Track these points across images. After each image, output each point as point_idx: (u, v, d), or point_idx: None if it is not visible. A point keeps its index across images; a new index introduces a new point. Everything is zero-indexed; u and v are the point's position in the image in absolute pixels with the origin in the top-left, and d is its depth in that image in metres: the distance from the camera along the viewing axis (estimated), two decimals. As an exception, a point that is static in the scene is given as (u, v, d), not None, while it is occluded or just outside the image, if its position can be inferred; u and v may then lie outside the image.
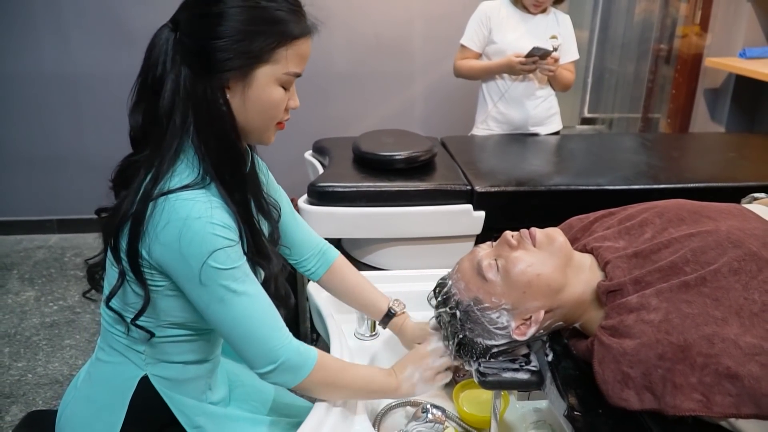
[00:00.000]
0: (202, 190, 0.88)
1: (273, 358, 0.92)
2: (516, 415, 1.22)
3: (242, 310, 0.90)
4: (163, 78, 0.89)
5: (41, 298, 2.80)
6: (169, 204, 0.86)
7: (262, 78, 0.89)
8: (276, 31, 0.88)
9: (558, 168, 2.16)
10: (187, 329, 0.99)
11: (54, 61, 3.15)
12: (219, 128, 0.89)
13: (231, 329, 0.91)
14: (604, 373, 0.87)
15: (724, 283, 0.86)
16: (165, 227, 0.85)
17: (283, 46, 0.89)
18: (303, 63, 0.93)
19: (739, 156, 2.20)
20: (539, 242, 0.98)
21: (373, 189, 1.81)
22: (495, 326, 0.99)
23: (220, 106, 0.89)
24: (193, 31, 0.88)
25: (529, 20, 2.39)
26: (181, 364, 1.01)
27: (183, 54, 0.88)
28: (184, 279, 0.88)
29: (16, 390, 2.18)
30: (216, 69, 0.87)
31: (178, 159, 0.89)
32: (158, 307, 0.94)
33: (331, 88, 3.34)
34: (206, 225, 0.85)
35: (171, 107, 0.88)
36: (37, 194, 3.41)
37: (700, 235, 0.94)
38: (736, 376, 0.78)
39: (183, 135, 0.89)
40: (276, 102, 0.92)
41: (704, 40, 3.39)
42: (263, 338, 0.91)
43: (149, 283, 0.92)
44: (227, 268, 0.87)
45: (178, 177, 0.88)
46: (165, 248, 0.86)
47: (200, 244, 0.85)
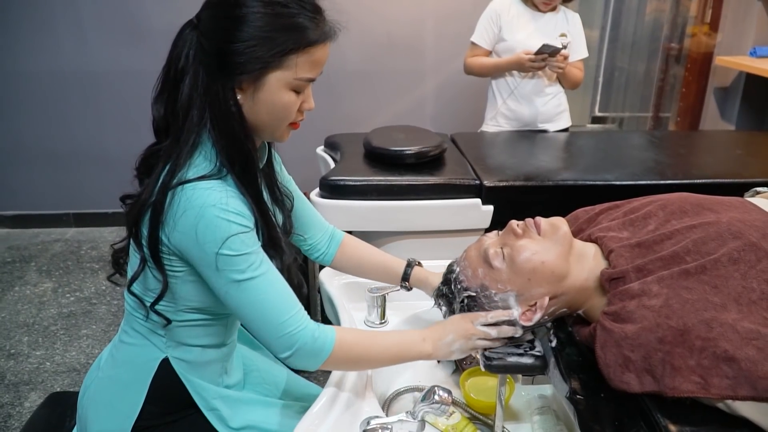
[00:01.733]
0: (218, 181, 0.91)
1: (290, 343, 0.93)
2: (521, 401, 1.25)
3: (257, 295, 0.92)
4: (184, 72, 0.92)
5: (58, 289, 2.86)
6: (186, 193, 0.89)
7: (273, 82, 0.92)
8: (289, 38, 0.89)
9: (566, 164, 2.18)
10: (206, 314, 1.02)
11: (72, 58, 3.21)
12: (229, 126, 0.92)
13: (247, 313, 0.93)
14: (605, 357, 0.90)
15: (723, 271, 0.88)
16: (183, 215, 0.88)
17: (295, 52, 0.90)
18: (317, 68, 0.95)
19: (746, 153, 2.21)
20: (544, 231, 1.01)
21: (384, 183, 1.85)
22: None
23: (230, 107, 0.91)
24: (211, 32, 0.90)
25: (538, 18, 2.41)
26: (200, 348, 1.05)
27: (201, 52, 0.91)
28: (202, 264, 0.91)
29: (34, 377, 2.24)
30: (229, 71, 0.90)
31: (195, 151, 0.92)
32: (178, 292, 0.98)
33: (343, 86, 3.38)
34: (221, 212, 0.88)
35: (189, 102, 0.91)
36: (54, 189, 3.48)
37: (701, 227, 0.97)
38: (734, 359, 0.80)
39: (200, 129, 0.92)
40: (286, 105, 0.94)
41: (714, 39, 3.39)
42: (278, 323, 0.93)
43: (168, 268, 0.95)
44: (241, 253, 0.90)
45: (195, 168, 0.91)
46: (183, 235, 0.89)
47: (215, 231, 0.88)
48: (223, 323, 1.07)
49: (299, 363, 0.96)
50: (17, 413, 2.06)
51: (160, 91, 0.95)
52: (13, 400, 2.12)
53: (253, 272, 0.91)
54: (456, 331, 1.04)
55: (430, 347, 1.03)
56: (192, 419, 1.05)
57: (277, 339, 0.93)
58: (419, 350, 1.03)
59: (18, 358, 2.35)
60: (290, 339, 0.93)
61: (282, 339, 0.93)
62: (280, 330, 0.93)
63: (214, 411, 1.06)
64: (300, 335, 0.93)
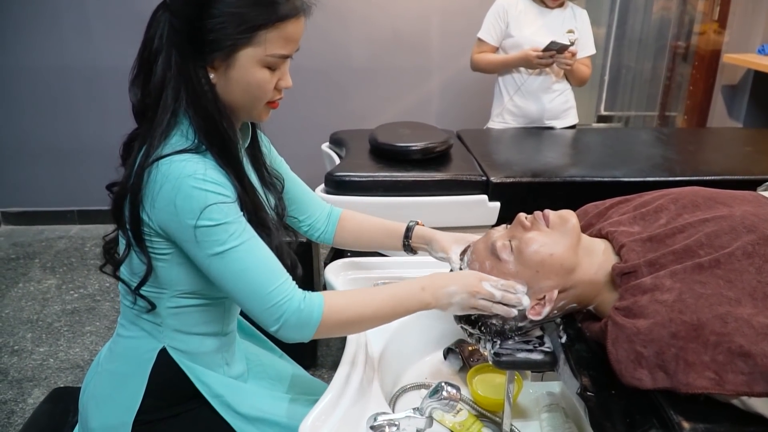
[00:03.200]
0: (197, 155, 0.90)
1: (277, 315, 0.90)
2: (529, 398, 1.24)
3: (240, 264, 0.89)
4: (157, 53, 0.91)
5: (62, 286, 2.85)
6: (162, 168, 0.88)
7: (244, 59, 0.90)
8: (258, 14, 0.88)
9: (573, 160, 2.16)
10: (200, 297, 1.01)
11: (77, 55, 3.21)
12: (203, 106, 0.91)
13: (232, 285, 0.90)
14: (617, 353, 0.88)
15: (737, 265, 0.87)
16: (160, 190, 0.88)
17: (265, 28, 0.89)
18: (290, 45, 0.92)
19: (755, 150, 2.19)
20: (552, 223, 1.00)
21: (390, 179, 1.84)
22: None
23: (203, 86, 0.91)
24: (180, 11, 0.89)
25: (546, 14, 2.40)
26: (198, 336, 1.03)
27: (172, 32, 0.90)
28: (183, 239, 0.90)
29: (38, 374, 2.23)
30: (199, 50, 0.89)
31: (171, 131, 0.92)
32: (168, 277, 0.97)
33: (348, 83, 3.37)
34: (198, 182, 0.87)
35: (162, 83, 0.91)
36: (58, 185, 3.48)
37: (714, 220, 0.95)
38: (749, 354, 0.79)
39: (175, 109, 0.91)
40: (259, 83, 0.93)
41: (722, 37, 3.37)
42: (264, 294, 0.90)
43: (154, 251, 0.94)
44: (220, 223, 0.88)
45: (173, 146, 0.90)
46: (162, 211, 0.88)
47: (192, 201, 0.87)
48: (220, 309, 1.05)
49: (289, 335, 0.92)
50: (20, 409, 2.05)
51: (136, 75, 0.95)
52: (17, 396, 2.11)
53: (234, 241, 0.89)
54: (461, 283, 0.99)
55: (430, 296, 0.98)
56: (196, 412, 1.04)
57: (263, 311, 0.90)
58: (418, 300, 0.98)
59: (22, 355, 2.34)
60: (277, 310, 0.90)
61: (268, 311, 0.90)
62: (265, 301, 0.90)
63: (219, 398, 1.04)
64: (286, 306, 0.90)
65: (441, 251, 1.17)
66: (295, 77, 0.99)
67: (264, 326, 0.93)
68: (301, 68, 3.29)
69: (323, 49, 3.23)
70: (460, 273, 1.03)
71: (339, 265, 1.40)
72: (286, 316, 0.90)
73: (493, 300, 0.99)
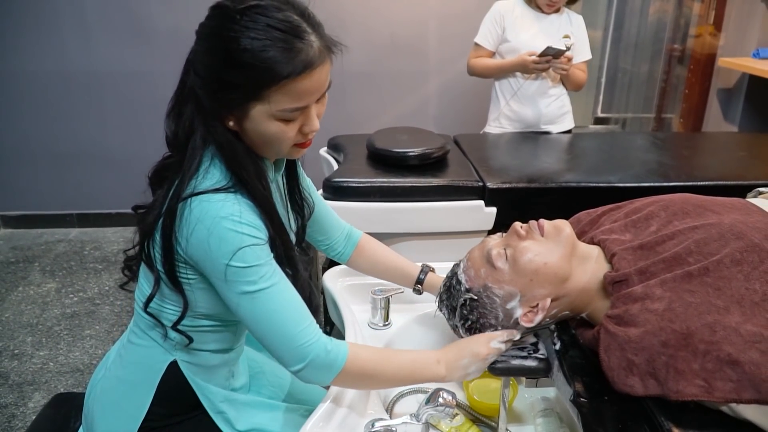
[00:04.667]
0: (232, 194, 0.90)
1: (302, 356, 0.92)
2: (524, 403, 1.26)
3: (269, 306, 0.91)
4: (189, 96, 0.92)
5: (62, 289, 2.87)
6: (200, 204, 0.88)
7: (257, 115, 0.89)
8: (260, 75, 0.85)
9: (569, 165, 2.18)
10: (215, 320, 1.02)
11: (77, 59, 3.22)
12: (228, 152, 0.92)
13: (259, 326, 0.92)
14: (609, 360, 0.90)
15: (726, 273, 0.89)
16: (195, 227, 0.88)
17: (268, 88, 0.86)
18: (303, 98, 0.89)
19: (749, 155, 2.21)
20: (547, 232, 1.02)
21: (387, 184, 1.85)
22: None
23: (222, 134, 0.91)
24: (195, 64, 0.90)
25: (542, 19, 2.42)
26: (208, 352, 1.05)
27: (194, 79, 0.90)
28: (213, 275, 0.91)
29: (38, 377, 2.25)
30: (214, 105, 0.89)
31: (202, 167, 0.92)
32: (190, 299, 0.97)
33: (346, 87, 3.38)
34: (233, 224, 0.87)
35: (191, 126, 0.91)
36: (58, 189, 3.49)
37: (703, 228, 0.97)
38: (737, 362, 0.81)
39: (205, 150, 0.92)
40: (275, 134, 0.91)
41: (718, 40, 3.39)
42: (290, 335, 0.91)
43: (181, 277, 0.95)
44: (252, 265, 0.89)
45: (209, 180, 0.91)
46: (196, 248, 0.89)
47: (227, 243, 0.87)
48: (232, 330, 1.07)
49: (311, 376, 0.94)
50: (21, 413, 2.06)
51: (172, 107, 0.95)
52: (17, 400, 2.13)
53: (264, 283, 0.90)
54: (472, 353, 1.03)
55: (444, 370, 1.02)
56: (198, 420, 1.06)
57: (289, 351, 0.92)
58: (433, 372, 1.02)
59: (22, 359, 2.35)
60: (303, 351, 0.92)
61: (294, 351, 0.92)
62: (292, 342, 0.91)
63: (220, 414, 1.06)
64: (313, 347, 0.92)
65: None
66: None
67: (287, 365, 0.94)
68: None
69: (321, 53, 3.23)
70: (469, 342, 1.05)
71: (337, 271, 1.42)
72: (312, 357, 0.92)
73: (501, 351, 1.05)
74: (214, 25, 0.87)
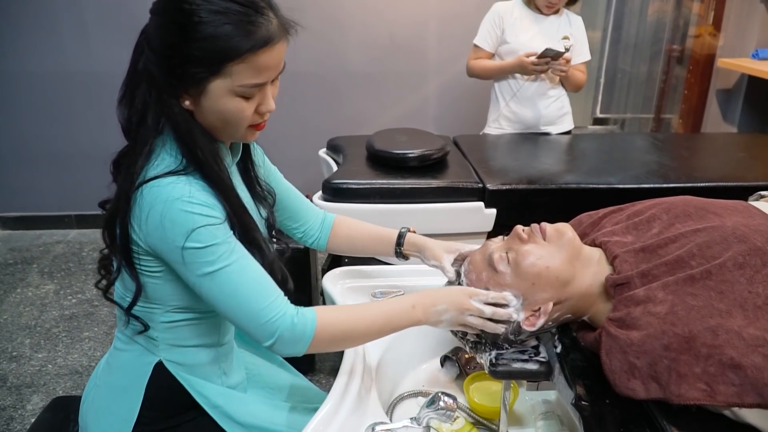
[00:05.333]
0: (184, 176, 0.90)
1: (270, 332, 0.91)
2: (525, 406, 1.25)
3: (231, 284, 0.90)
4: (140, 78, 0.91)
5: (60, 291, 2.86)
6: (151, 191, 0.88)
7: (215, 91, 0.88)
8: (221, 48, 0.85)
9: (569, 167, 2.18)
10: (193, 312, 1.01)
11: (75, 59, 3.21)
12: (181, 133, 0.91)
13: (224, 305, 0.91)
14: (611, 363, 0.90)
15: (728, 276, 0.88)
16: (149, 213, 0.88)
17: (231, 61, 0.86)
18: (264, 74, 0.89)
19: (749, 156, 2.21)
20: (549, 236, 1.01)
21: (387, 186, 1.85)
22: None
23: (175, 115, 0.90)
24: (151, 41, 0.89)
25: (541, 21, 2.42)
26: (194, 348, 1.04)
27: (147, 59, 0.90)
28: (171, 260, 0.90)
29: (37, 380, 2.24)
30: (169, 83, 0.88)
31: (153, 154, 0.92)
32: (162, 293, 0.97)
33: (345, 88, 3.38)
34: (185, 204, 0.87)
35: (144, 108, 0.91)
36: (56, 190, 3.48)
37: (705, 231, 0.96)
38: (740, 366, 0.80)
39: (159, 132, 0.92)
40: (233, 111, 0.91)
41: (717, 41, 3.39)
42: (255, 312, 0.90)
43: (146, 269, 0.94)
44: (208, 245, 0.88)
45: (158, 166, 0.91)
46: (151, 234, 0.89)
47: (180, 225, 0.87)
48: (214, 321, 1.06)
49: (283, 350, 0.93)
50: (19, 416, 2.06)
51: (123, 95, 0.94)
52: (15, 402, 2.12)
53: (223, 262, 0.89)
54: (450, 301, 1.00)
55: (420, 313, 1.00)
56: (195, 422, 1.05)
57: (256, 328, 0.91)
58: (409, 317, 1.00)
59: (20, 361, 2.35)
60: (270, 327, 0.91)
61: (262, 327, 0.91)
62: (258, 318, 0.91)
63: (217, 408, 1.05)
64: (279, 322, 0.91)
65: (433, 259, 1.19)
66: (292, 82, 0.99)
67: (258, 342, 0.93)
68: (297, 73, 3.30)
69: (320, 53, 3.24)
70: (449, 290, 1.04)
71: (337, 273, 1.41)
72: (280, 331, 0.91)
73: (483, 316, 1.01)
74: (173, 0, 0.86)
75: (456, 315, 1.00)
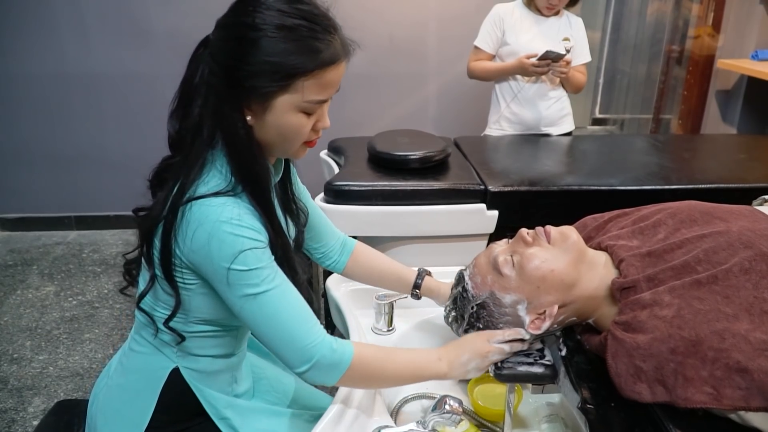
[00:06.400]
0: (232, 198, 0.90)
1: (308, 357, 0.92)
2: (529, 409, 1.25)
3: (273, 308, 0.91)
4: (197, 90, 0.91)
5: (60, 293, 2.86)
6: (200, 209, 0.88)
7: (281, 106, 0.90)
8: (296, 63, 0.87)
9: (570, 168, 2.18)
10: (217, 326, 1.02)
11: (75, 61, 3.21)
12: (239, 147, 0.92)
13: (263, 328, 0.92)
14: (617, 367, 0.90)
15: (735, 281, 0.89)
16: (196, 231, 0.88)
17: (303, 76, 0.88)
18: (328, 90, 0.92)
19: (749, 158, 2.21)
20: (554, 239, 1.02)
21: (389, 188, 1.85)
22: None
23: (238, 129, 0.90)
24: (220, 54, 0.89)
25: (542, 22, 2.42)
26: (210, 358, 1.04)
27: (210, 73, 0.90)
28: (215, 280, 0.90)
29: (38, 382, 2.24)
30: (236, 94, 0.89)
31: (205, 169, 0.92)
32: (189, 304, 0.97)
33: (345, 89, 3.32)
34: (234, 227, 0.87)
35: (199, 121, 0.91)
36: (55, 191, 3.48)
37: (711, 236, 0.97)
38: (746, 370, 0.80)
39: (212, 148, 0.92)
40: (295, 128, 0.93)
41: (716, 42, 3.40)
42: (295, 337, 0.91)
43: (180, 282, 0.94)
44: (254, 268, 0.89)
45: (208, 184, 0.91)
46: (196, 252, 0.89)
47: (227, 247, 0.87)
48: (234, 334, 1.06)
49: (317, 377, 0.94)
50: (21, 418, 2.05)
51: (176, 107, 0.95)
52: (17, 405, 2.12)
53: (267, 285, 0.90)
54: (472, 350, 1.03)
55: (446, 367, 1.03)
56: (202, 427, 1.05)
57: (295, 353, 0.92)
58: (435, 370, 1.02)
59: (21, 363, 2.34)
60: (309, 352, 0.92)
61: (300, 352, 0.92)
62: (298, 343, 0.91)
63: (224, 420, 1.06)
64: (318, 348, 0.92)
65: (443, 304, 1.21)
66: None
67: (292, 367, 0.94)
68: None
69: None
70: (470, 339, 1.06)
71: (340, 277, 1.41)
72: (318, 357, 0.92)
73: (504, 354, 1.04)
74: (241, 14, 0.88)
75: (480, 361, 1.04)
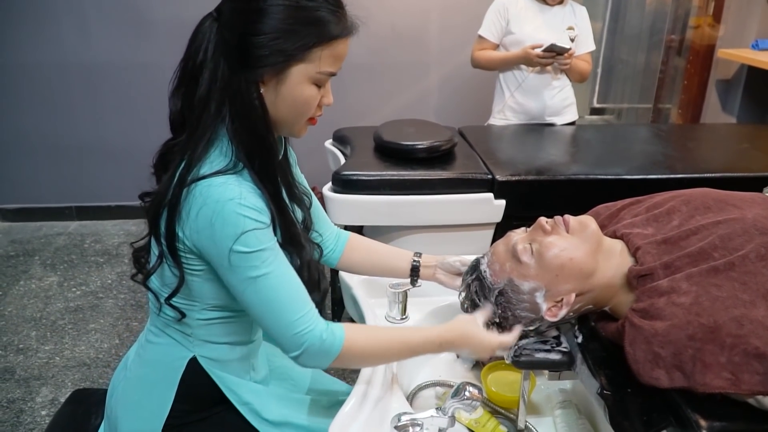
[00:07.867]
0: (234, 176, 0.90)
1: (298, 343, 0.92)
2: (542, 395, 1.27)
3: (269, 293, 0.91)
4: (203, 65, 0.90)
5: (64, 283, 2.85)
6: (202, 189, 0.88)
7: (296, 76, 0.90)
8: (314, 32, 0.89)
9: (576, 157, 2.19)
10: (228, 311, 1.02)
11: (75, 50, 3.19)
12: (251, 120, 0.91)
13: (259, 311, 0.92)
14: (635, 353, 0.91)
15: (751, 268, 0.90)
16: (199, 211, 0.88)
17: (320, 46, 0.89)
18: (338, 63, 0.94)
19: (752, 147, 2.23)
20: (572, 228, 1.03)
21: (396, 178, 1.85)
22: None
23: (253, 100, 0.90)
24: (233, 24, 0.89)
25: (546, 11, 2.42)
26: (227, 345, 1.05)
27: (222, 45, 0.89)
28: (216, 261, 0.91)
29: (45, 372, 2.24)
30: (251, 64, 0.88)
31: (211, 146, 0.92)
32: (199, 291, 0.98)
33: (347, 79, 3.36)
34: (236, 206, 0.87)
35: (207, 96, 0.90)
36: (56, 181, 3.46)
37: (726, 223, 0.98)
38: (764, 355, 0.82)
39: (217, 123, 0.91)
40: (307, 99, 0.93)
41: (717, 31, 3.40)
42: (287, 323, 0.92)
43: (187, 266, 0.95)
44: (256, 250, 0.89)
45: (210, 164, 0.90)
46: (200, 233, 0.89)
47: (230, 226, 0.87)
48: (247, 320, 1.07)
49: (307, 362, 0.95)
50: (29, 408, 2.06)
51: (177, 85, 0.94)
52: (25, 395, 2.12)
53: (266, 268, 0.90)
54: (476, 350, 1.05)
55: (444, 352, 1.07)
56: (222, 415, 1.06)
57: (286, 338, 0.93)
58: (433, 353, 1.06)
59: (27, 353, 2.35)
60: (299, 339, 0.92)
61: (291, 339, 0.92)
62: (289, 330, 0.92)
63: (247, 405, 1.06)
64: (308, 336, 0.93)
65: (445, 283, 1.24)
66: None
67: (284, 351, 0.95)
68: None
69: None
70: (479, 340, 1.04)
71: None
72: (307, 344, 0.93)
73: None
74: None
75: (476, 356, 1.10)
